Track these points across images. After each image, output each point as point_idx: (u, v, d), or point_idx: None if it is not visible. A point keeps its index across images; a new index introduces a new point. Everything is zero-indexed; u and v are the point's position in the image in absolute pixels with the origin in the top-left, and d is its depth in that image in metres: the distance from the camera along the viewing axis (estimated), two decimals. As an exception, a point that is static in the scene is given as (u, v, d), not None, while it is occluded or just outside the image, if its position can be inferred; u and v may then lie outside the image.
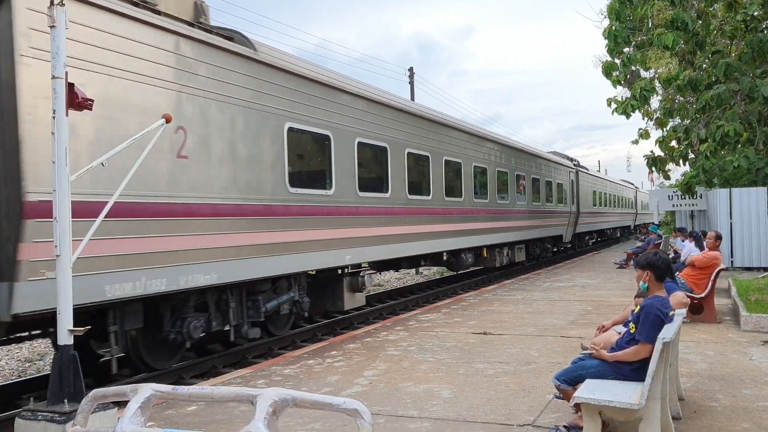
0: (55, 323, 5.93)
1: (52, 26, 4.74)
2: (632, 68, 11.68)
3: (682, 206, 21.22)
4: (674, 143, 13.78)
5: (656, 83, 12.32)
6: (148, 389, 2.81)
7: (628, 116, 11.20)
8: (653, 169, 13.88)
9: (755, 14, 10.51)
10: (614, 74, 11.47)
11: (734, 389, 5.83)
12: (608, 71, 11.46)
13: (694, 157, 15.30)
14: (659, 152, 13.37)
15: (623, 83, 12.34)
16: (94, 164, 5.20)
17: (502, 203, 18.40)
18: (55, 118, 4.71)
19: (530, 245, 22.12)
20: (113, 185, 5.89)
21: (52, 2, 4.72)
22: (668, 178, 17.77)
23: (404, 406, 5.61)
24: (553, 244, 25.57)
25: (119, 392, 2.98)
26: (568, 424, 4.70)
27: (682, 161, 13.63)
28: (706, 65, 11.53)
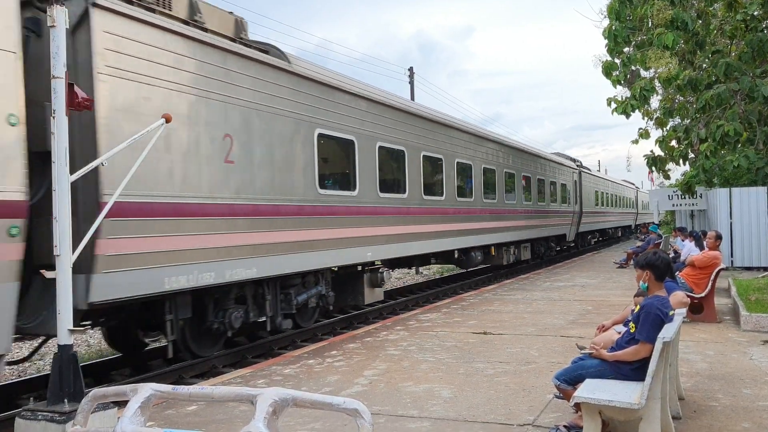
0: (116, 313, 6.92)
1: (51, 26, 4.68)
2: (632, 68, 11.69)
3: (682, 206, 21.22)
4: (674, 143, 13.78)
5: (656, 83, 12.32)
6: (148, 389, 2.82)
7: (627, 116, 11.20)
8: (653, 168, 13.89)
9: (755, 14, 10.51)
10: (614, 74, 11.48)
11: (734, 389, 5.83)
12: (608, 71, 11.47)
13: (694, 156, 15.31)
14: (659, 152, 13.38)
15: (623, 83, 12.35)
16: (93, 164, 5.20)
17: (509, 203, 18.91)
18: (54, 118, 4.67)
19: (535, 244, 22.54)
20: (163, 188, 6.83)
21: (52, 2, 4.68)
22: (668, 177, 17.78)
23: (404, 405, 5.61)
24: (556, 242, 25.95)
25: (119, 392, 2.98)
26: (568, 423, 4.70)
27: (682, 161, 13.63)
28: (706, 65, 11.53)
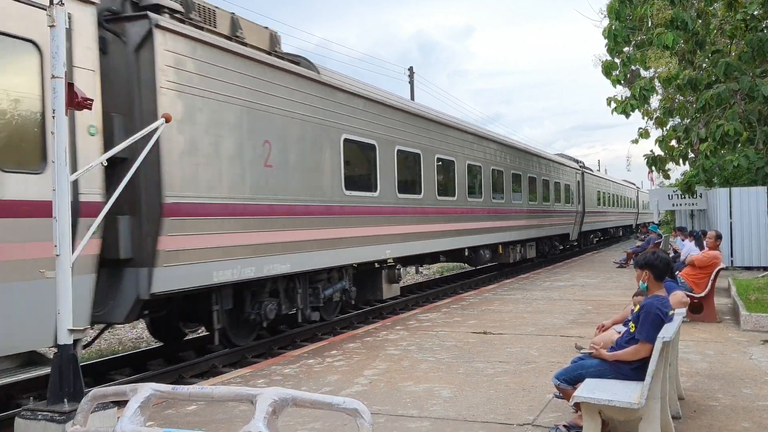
0: (162, 305, 7.74)
1: (51, 26, 4.64)
2: (632, 68, 11.69)
3: (681, 206, 21.21)
4: (674, 143, 13.79)
5: (656, 83, 12.32)
6: (147, 389, 2.82)
7: (627, 116, 11.20)
8: (653, 168, 13.90)
9: (755, 13, 10.52)
10: (614, 74, 11.48)
11: (734, 388, 5.84)
12: (608, 71, 11.47)
13: (694, 156, 15.32)
14: (659, 152, 13.38)
15: (623, 83, 12.35)
16: (93, 164, 5.19)
17: (516, 203, 19.51)
18: (54, 117, 4.62)
19: (540, 243, 23.07)
20: (214, 190, 7.59)
21: (51, 2, 4.66)
22: (668, 177, 17.78)
23: (404, 405, 5.61)
24: (560, 242, 26.51)
25: (119, 392, 2.98)
26: (568, 423, 4.70)
27: (682, 160, 13.63)
28: (705, 65, 11.53)
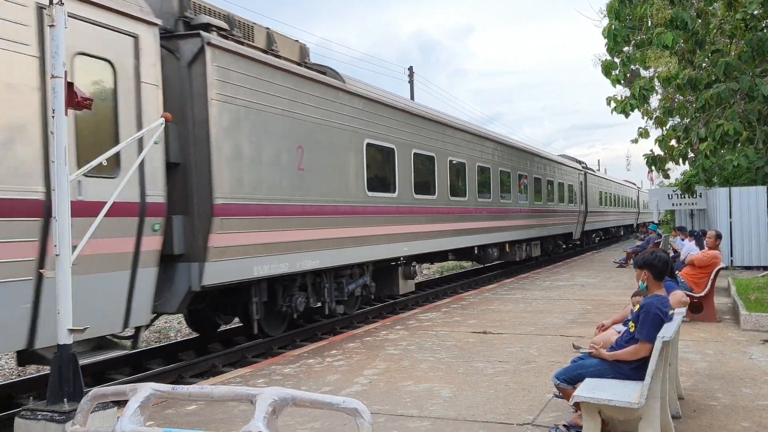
0: (202, 298, 8.29)
1: (51, 25, 4.64)
2: (632, 67, 11.69)
3: (681, 205, 21.22)
4: (674, 142, 13.79)
5: (656, 82, 12.33)
6: (147, 388, 2.82)
7: (627, 115, 11.20)
8: (653, 168, 13.91)
9: (755, 13, 10.52)
10: (614, 73, 11.48)
11: (734, 388, 5.84)
12: (608, 70, 11.47)
13: (693, 156, 15.31)
14: (659, 151, 13.39)
15: (623, 82, 12.35)
16: (94, 163, 5.18)
17: (522, 203, 20.13)
18: (54, 117, 4.61)
19: (544, 241, 23.59)
20: (255, 192, 8.30)
21: (51, 2, 4.65)
22: (668, 177, 17.77)
23: (404, 405, 5.61)
24: (564, 240, 27.11)
25: (119, 391, 2.98)
26: (567, 423, 4.70)
27: (681, 160, 13.64)
28: (705, 64, 11.52)
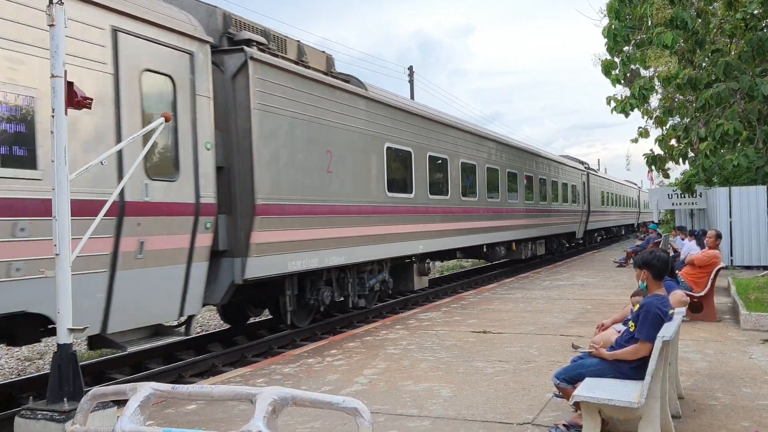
0: (236, 292, 8.67)
1: (51, 25, 4.62)
2: (632, 67, 11.67)
3: (681, 205, 21.23)
4: (674, 142, 13.79)
5: (656, 82, 12.31)
6: (147, 388, 2.82)
7: (627, 115, 11.19)
8: (653, 167, 13.90)
9: (755, 13, 10.51)
10: (614, 73, 11.46)
11: (734, 388, 5.84)
12: (608, 70, 11.46)
13: (693, 155, 15.31)
14: (659, 151, 13.38)
15: (623, 82, 12.33)
16: (93, 163, 5.18)
17: (528, 203, 20.78)
18: (54, 117, 4.61)
19: (548, 240, 24.11)
20: (290, 193, 9.01)
21: (51, 1, 4.64)
22: (668, 176, 17.77)
23: (404, 404, 5.62)
24: (567, 239, 27.60)
25: (119, 391, 2.98)
26: (567, 422, 4.70)
27: (681, 160, 13.63)
28: (705, 64, 11.52)
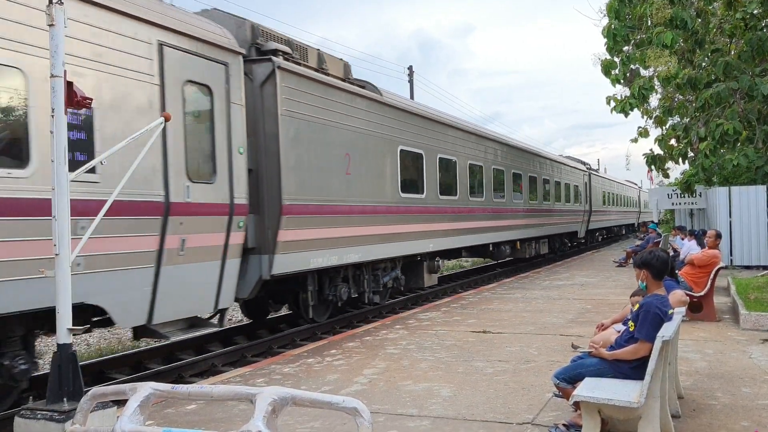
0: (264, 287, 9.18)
1: (51, 24, 4.61)
2: (631, 67, 11.66)
3: (681, 205, 21.23)
4: (673, 141, 13.78)
5: (655, 82, 12.30)
6: (147, 388, 2.82)
7: (626, 115, 11.18)
8: (652, 167, 13.89)
9: (754, 12, 10.50)
10: (613, 73, 11.45)
11: (733, 387, 5.84)
12: (607, 70, 11.45)
13: (693, 155, 15.29)
14: (658, 150, 13.36)
15: (622, 82, 12.32)
16: (93, 163, 5.19)
17: (532, 203, 21.32)
18: (54, 116, 4.59)
19: (551, 240, 24.62)
20: (313, 194, 9.53)
21: (50, 1, 4.63)
22: (667, 176, 17.76)
23: (404, 404, 5.62)
24: (569, 239, 28.12)
25: (118, 391, 2.98)
26: (567, 422, 4.70)
27: (681, 159, 13.62)
28: (705, 64, 11.51)
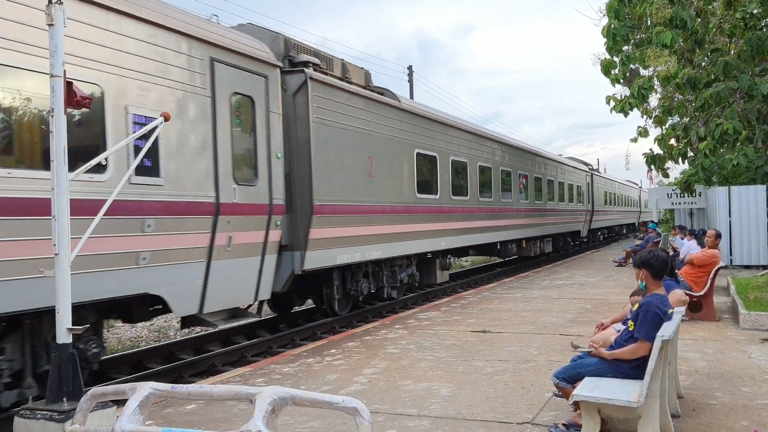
0: (311, 278, 10.28)
1: (50, 24, 4.60)
2: (631, 66, 11.67)
3: (681, 204, 21.24)
4: (673, 141, 13.79)
5: (655, 81, 12.30)
6: (147, 388, 2.82)
7: (626, 114, 11.19)
8: (652, 167, 13.90)
9: (754, 12, 10.51)
10: (613, 72, 11.45)
11: (733, 387, 5.84)
12: (607, 69, 11.45)
13: (693, 155, 15.29)
14: (658, 150, 13.38)
15: (622, 81, 12.33)
16: (91, 163, 5.17)
17: (537, 203, 22.04)
18: (53, 116, 4.57)
19: (555, 239, 25.25)
20: (340, 195, 10.26)
21: (50, 1, 4.63)
22: (667, 176, 17.78)
23: (403, 404, 5.62)
24: (572, 238, 28.94)
25: (118, 391, 2.98)
26: (567, 422, 4.70)
27: (681, 159, 13.63)
28: (705, 63, 11.51)
